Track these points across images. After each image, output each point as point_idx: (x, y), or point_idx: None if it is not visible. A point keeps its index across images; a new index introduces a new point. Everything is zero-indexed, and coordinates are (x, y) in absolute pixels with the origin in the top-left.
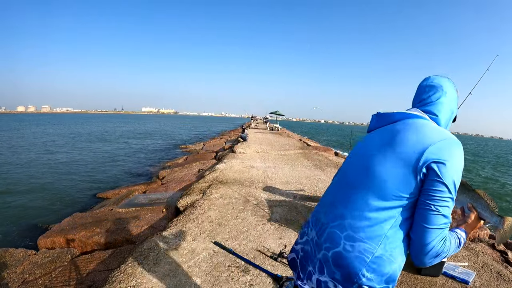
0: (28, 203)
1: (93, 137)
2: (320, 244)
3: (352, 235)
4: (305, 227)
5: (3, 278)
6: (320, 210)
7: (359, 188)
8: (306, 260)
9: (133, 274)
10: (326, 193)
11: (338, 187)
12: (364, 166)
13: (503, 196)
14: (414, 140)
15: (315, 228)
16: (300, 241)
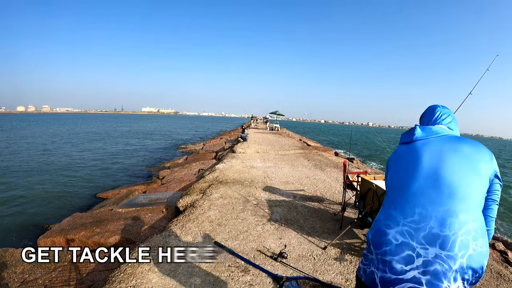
0: (28, 203)
1: (93, 137)
2: (453, 256)
3: (475, 235)
4: (407, 251)
5: (3, 278)
6: (425, 226)
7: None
8: (439, 278)
9: (133, 274)
10: (410, 203)
11: (429, 199)
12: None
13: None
14: (484, 157)
15: (432, 245)
16: (410, 267)
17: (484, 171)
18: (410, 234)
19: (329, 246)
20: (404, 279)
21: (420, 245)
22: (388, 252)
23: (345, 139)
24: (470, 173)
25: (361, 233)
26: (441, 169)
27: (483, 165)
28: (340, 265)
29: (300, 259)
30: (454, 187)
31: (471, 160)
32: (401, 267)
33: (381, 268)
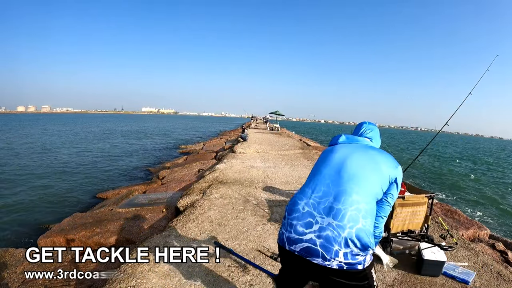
0: (28, 203)
1: (93, 137)
2: (342, 225)
3: (365, 214)
4: (309, 218)
5: (3, 278)
6: (325, 200)
7: (352, 186)
8: (330, 242)
9: (133, 274)
10: (319, 183)
11: (332, 181)
12: (352, 170)
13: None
14: (387, 163)
15: (327, 215)
16: (309, 230)
17: (386, 172)
18: (314, 206)
19: None
20: (303, 240)
21: (319, 215)
22: (295, 218)
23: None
24: (371, 169)
25: None
26: (347, 161)
27: (386, 168)
28: None
29: None
30: (353, 175)
31: (376, 161)
32: (302, 230)
33: (288, 230)
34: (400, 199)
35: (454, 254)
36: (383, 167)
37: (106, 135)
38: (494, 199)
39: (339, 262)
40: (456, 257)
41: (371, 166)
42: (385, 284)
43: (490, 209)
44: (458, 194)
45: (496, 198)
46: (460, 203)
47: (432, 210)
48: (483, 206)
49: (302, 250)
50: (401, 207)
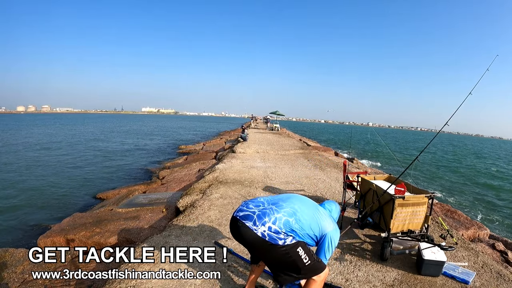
0: (28, 203)
1: (93, 137)
2: (278, 211)
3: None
4: (260, 204)
5: (3, 278)
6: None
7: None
8: (264, 215)
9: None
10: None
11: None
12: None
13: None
14: (328, 220)
15: (269, 203)
16: (255, 208)
17: (323, 224)
18: (269, 200)
19: None
20: (248, 210)
21: (267, 204)
22: (251, 202)
23: (345, 139)
24: (314, 212)
25: (361, 233)
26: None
27: (324, 222)
28: (340, 265)
29: None
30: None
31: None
32: (251, 206)
33: (241, 206)
34: (400, 199)
35: (454, 254)
36: (322, 219)
37: (106, 135)
38: (494, 199)
39: (263, 231)
40: (456, 257)
41: (312, 209)
42: (385, 284)
43: (490, 209)
44: (458, 194)
45: (496, 198)
46: (460, 203)
47: (432, 210)
48: (483, 206)
49: (242, 216)
50: (401, 207)
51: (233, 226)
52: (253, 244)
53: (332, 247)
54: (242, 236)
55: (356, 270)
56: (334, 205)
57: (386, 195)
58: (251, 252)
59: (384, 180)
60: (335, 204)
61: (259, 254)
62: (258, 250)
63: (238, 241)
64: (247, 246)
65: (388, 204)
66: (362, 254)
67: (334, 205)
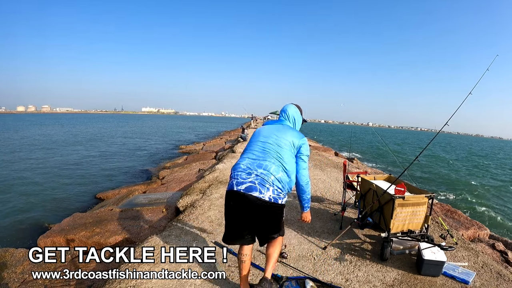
0: (28, 203)
1: (93, 137)
2: (268, 174)
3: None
4: (248, 171)
5: (3, 278)
6: (252, 158)
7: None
8: (264, 182)
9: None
10: (251, 150)
11: (257, 149)
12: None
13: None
14: (293, 135)
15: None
16: (249, 177)
17: (294, 142)
18: (251, 163)
19: (329, 246)
20: (246, 182)
21: (258, 167)
22: (239, 171)
23: (345, 139)
24: (285, 140)
25: (361, 233)
26: (267, 135)
27: (294, 139)
28: (340, 265)
29: (300, 259)
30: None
31: (287, 135)
32: (245, 176)
33: (235, 178)
34: (400, 199)
35: (454, 254)
36: (293, 140)
37: (106, 135)
38: (494, 199)
39: (269, 196)
40: (456, 257)
41: (285, 138)
42: (385, 284)
43: (490, 209)
44: (458, 194)
45: (496, 198)
46: (460, 203)
47: (432, 210)
48: (483, 206)
49: (246, 189)
50: (401, 207)
51: (236, 199)
52: (260, 210)
53: (308, 150)
54: (248, 206)
55: (356, 270)
56: (287, 113)
57: (386, 195)
58: (246, 222)
59: (384, 180)
60: (286, 113)
61: (262, 218)
62: (263, 214)
63: (238, 212)
64: (247, 216)
65: (388, 204)
66: (362, 254)
67: (288, 114)
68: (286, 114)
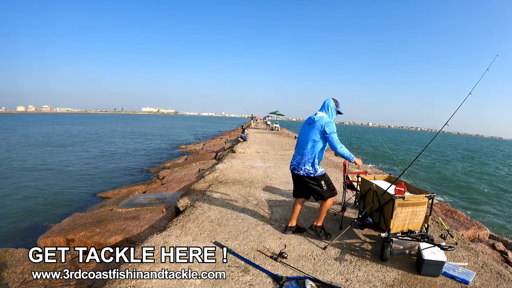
0: (28, 203)
1: (93, 137)
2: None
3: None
4: (294, 157)
5: (3, 278)
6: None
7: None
8: (299, 163)
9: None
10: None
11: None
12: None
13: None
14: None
15: (298, 154)
16: (293, 160)
17: (318, 128)
18: (296, 152)
19: (329, 246)
20: (292, 163)
21: (297, 155)
22: (293, 157)
23: (345, 139)
24: (312, 130)
25: (361, 233)
26: (302, 133)
27: (318, 126)
28: (340, 265)
29: (300, 259)
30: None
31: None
32: (292, 161)
33: (291, 162)
34: (400, 199)
35: (454, 254)
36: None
37: (106, 135)
38: (494, 199)
39: (303, 171)
40: (456, 257)
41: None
42: (385, 284)
43: (490, 209)
44: (458, 194)
45: (496, 198)
46: (460, 203)
47: (432, 210)
48: (483, 206)
49: (292, 168)
50: (401, 207)
51: (291, 173)
52: (300, 181)
53: (333, 128)
54: (296, 178)
55: (356, 270)
56: (324, 107)
57: (386, 195)
58: (298, 186)
59: (384, 180)
60: (324, 106)
61: (304, 185)
62: (303, 183)
63: (294, 180)
64: (298, 183)
65: (388, 204)
66: (362, 254)
67: (324, 107)
68: (324, 104)
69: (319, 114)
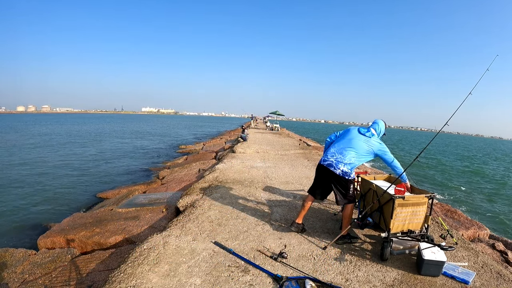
0: (28, 203)
1: (93, 137)
2: (344, 158)
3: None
4: (332, 153)
5: (3, 278)
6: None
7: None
8: (338, 162)
9: (133, 274)
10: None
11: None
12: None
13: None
14: (374, 144)
15: (338, 153)
16: (331, 158)
17: (371, 147)
18: (335, 150)
19: (329, 246)
20: (328, 160)
21: (336, 154)
22: (330, 154)
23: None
24: (362, 143)
25: (361, 233)
26: (350, 137)
27: (371, 146)
28: (340, 265)
29: (300, 259)
30: (352, 143)
31: (367, 141)
32: (329, 157)
33: (323, 158)
34: (400, 199)
35: (454, 254)
36: (370, 145)
37: (106, 135)
38: (494, 199)
39: (340, 171)
40: (456, 257)
41: (363, 143)
42: (385, 284)
43: (490, 209)
44: (458, 194)
45: (496, 198)
46: (460, 203)
47: (432, 210)
48: (483, 206)
49: (327, 164)
50: (401, 207)
51: (320, 169)
52: (332, 178)
53: (386, 150)
54: (326, 175)
55: (356, 270)
56: (377, 126)
57: (386, 195)
58: (321, 184)
59: (384, 180)
60: (377, 125)
61: (334, 184)
62: (333, 182)
63: (319, 177)
64: (324, 180)
65: (388, 204)
66: (362, 254)
67: (377, 126)
68: (376, 122)
69: (372, 131)
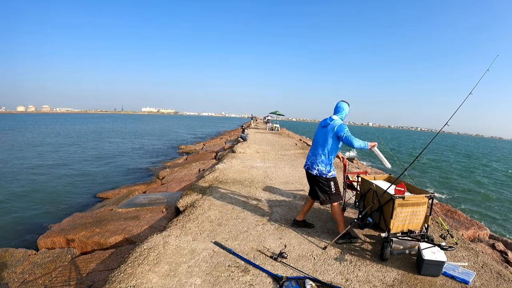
0: (28, 203)
1: (93, 137)
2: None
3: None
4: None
5: (3, 278)
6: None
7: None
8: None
9: (133, 274)
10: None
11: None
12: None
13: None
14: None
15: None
16: (309, 160)
17: (333, 131)
18: (310, 153)
19: (329, 246)
20: (307, 163)
21: (311, 155)
22: (308, 157)
23: None
24: (327, 135)
25: (361, 233)
26: (317, 136)
27: (333, 130)
28: (340, 265)
29: (300, 259)
30: (318, 141)
31: (331, 129)
32: (307, 161)
33: (305, 161)
34: (400, 199)
35: (454, 254)
36: (331, 128)
37: (106, 135)
38: (494, 199)
39: (316, 171)
40: (456, 257)
41: (327, 132)
42: (385, 284)
43: (490, 209)
44: (458, 194)
45: (496, 198)
46: (460, 203)
47: (432, 210)
48: (483, 206)
49: (307, 168)
50: (401, 207)
51: (306, 173)
52: (313, 180)
53: (343, 127)
54: (309, 177)
55: (356, 270)
56: (339, 109)
57: (386, 195)
58: (312, 186)
59: (384, 180)
60: (338, 108)
61: (315, 185)
62: (315, 183)
63: (308, 180)
64: (310, 183)
65: (388, 204)
66: (362, 254)
67: (339, 109)
68: (337, 107)
69: (333, 117)
